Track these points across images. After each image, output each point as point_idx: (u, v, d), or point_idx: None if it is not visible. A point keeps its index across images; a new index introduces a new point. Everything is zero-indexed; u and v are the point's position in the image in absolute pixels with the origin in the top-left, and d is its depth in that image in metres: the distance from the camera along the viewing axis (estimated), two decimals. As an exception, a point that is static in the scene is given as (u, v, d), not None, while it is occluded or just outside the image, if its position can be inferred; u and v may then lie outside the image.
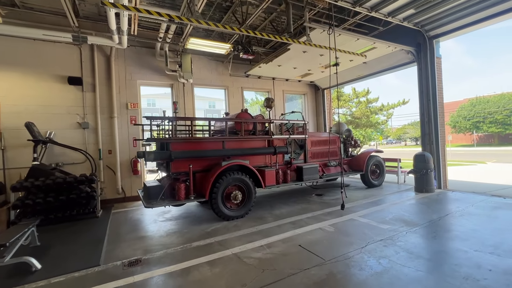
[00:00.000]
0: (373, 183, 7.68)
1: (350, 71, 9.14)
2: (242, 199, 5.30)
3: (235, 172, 5.22)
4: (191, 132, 5.08)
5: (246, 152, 5.48)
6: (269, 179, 5.63)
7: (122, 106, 7.53)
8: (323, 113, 11.14)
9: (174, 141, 4.92)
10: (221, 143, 5.46)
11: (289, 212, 5.52)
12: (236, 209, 5.25)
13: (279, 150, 5.90)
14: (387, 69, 8.47)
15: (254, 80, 9.74)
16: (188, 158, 4.88)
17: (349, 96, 18.19)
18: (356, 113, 17.69)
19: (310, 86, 11.28)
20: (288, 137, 6.23)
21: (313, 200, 6.52)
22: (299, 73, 9.37)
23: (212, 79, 8.98)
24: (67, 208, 5.69)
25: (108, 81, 7.31)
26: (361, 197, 6.66)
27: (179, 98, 8.38)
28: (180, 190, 4.70)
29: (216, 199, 4.97)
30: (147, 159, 4.45)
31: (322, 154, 7.33)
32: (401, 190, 7.26)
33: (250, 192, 5.35)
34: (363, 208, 5.62)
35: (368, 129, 21.08)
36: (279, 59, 7.51)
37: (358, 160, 7.68)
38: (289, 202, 6.45)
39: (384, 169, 7.96)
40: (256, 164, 5.87)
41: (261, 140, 5.93)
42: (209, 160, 5.24)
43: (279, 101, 10.42)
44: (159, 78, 8.06)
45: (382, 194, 6.87)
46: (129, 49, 7.65)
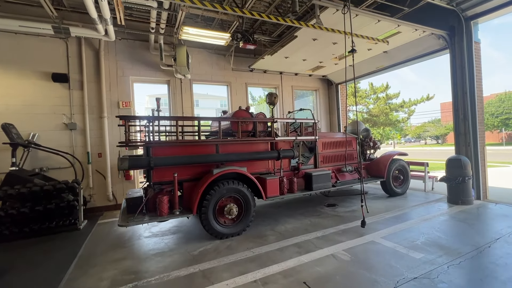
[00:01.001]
0: (395, 191, 6.61)
1: (368, 62, 8.06)
2: (238, 213, 4.47)
3: (230, 181, 4.38)
4: (177, 134, 4.29)
5: (243, 157, 4.63)
6: (271, 189, 4.75)
7: (113, 105, 6.89)
8: (336, 111, 10.08)
9: (156, 145, 4.15)
10: (214, 147, 4.64)
11: (295, 229, 4.62)
12: (232, 225, 4.42)
13: (284, 154, 5.01)
14: (412, 59, 7.33)
15: (259, 75, 8.86)
16: (173, 165, 4.10)
17: (365, 92, 16.85)
18: (374, 110, 16.34)
19: (322, 81, 10.25)
20: (294, 138, 5.32)
21: (325, 213, 5.58)
22: (309, 66, 8.40)
23: (213, 74, 8.19)
24: (45, 220, 5.09)
25: (98, 77, 6.68)
26: (383, 209, 5.64)
27: (176, 95, 7.65)
28: (162, 204, 3.93)
29: (207, 214, 4.16)
30: (120, 167, 3.70)
31: (336, 157, 6.36)
32: (430, 201, 6.15)
33: (249, 205, 4.51)
34: (386, 225, 4.62)
35: (387, 128, 19.66)
36: (286, 49, 6.60)
37: (377, 165, 6.63)
38: (296, 214, 5.55)
39: (408, 174, 6.86)
40: (257, 171, 5.01)
41: (262, 142, 5.06)
42: (200, 167, 4.44)
43: (287, 98, 9.48)
44: (154, 74, 7.36)
45: (407, 206, 5.82)
46: (121, 42, 7.00)
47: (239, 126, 4.70)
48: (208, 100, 38.95)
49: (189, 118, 4.39)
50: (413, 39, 6.51)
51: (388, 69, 8.21)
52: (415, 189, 7.42)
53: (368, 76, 9.06)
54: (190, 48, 7.73)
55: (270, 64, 7.93)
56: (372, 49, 6.99)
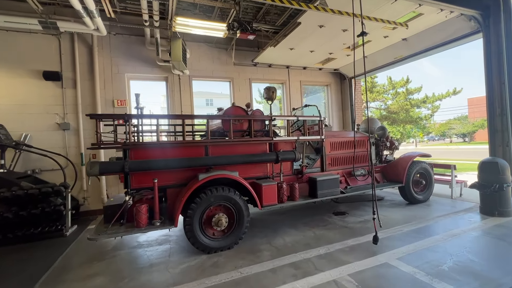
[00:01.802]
0: (416, 198, 5.78)
1: (384, 52, 7.21)
2: (229, 224, 3.92)
3: (220, 187, 3.84)
4: (158, 134, 3.80)
5: (234, 160, 4.08)
6: (267, 196, 4.16)
7: (108, 103, 6.57)
8: (350, 108, 9.26)
9: (135, 147, 3.69)
10: (203, 149, 4.12)
11: (295, 243, 4.01)
12: (222, 237, 3.89)
13: (283, 157, 4.40)
14: (435, 47, 6.41)
15: (264, 69, 8.25)
16: (152, 169, 3.62)
17: (383, 87, 15.63)
18: (392, 106, 15.08)
19: (334, 75, 9.45)
20: (296, 138, 4.68)
21: (332, 223, 4.90)
22: (318, 58, 7.68)
23: (214, 70, 7.69)
24: (31, 225, 4.83)
25: (91, 75, 6.38)
26: (401, 220, 4.87)
27: (175, 93, 7.23)
28: (139, 214, 3.46)
29: (191, 226, 3.65)
30: (89, 172, 3.27)
31: (346, 159, 5.64)
32: (459, 211, 5.28)
33: (241, 214, 3.95)
34: (404, 241, 3.89)
35: (407, 126, 18.30)
36: (290, 39, 5.95)
37: (395, 168, 5.83)
38: (299, 224, 4.91)
39: (432, 179, 5.99)
40: (253, 175, 4.43)
41: (258, 143, 4.47)
42: (187, 171, 3.93)
43: (295, 94, 8.80)
44: (151, 70, 6.98)
45: (431, 216, 5.00)
46: (116, 38, 6.66)
47: (231, 125, 4.14)
48: (221, 99, 38.76)
49: (170, 116, 3.91)
50: (438, 23, 5.63)
51: (408, 60, 7.31)
52: (440, 195, 6.52)
53: (385, 68, 8.17)
54: (189, 42, 7.29)
55: (275, 57, 7.30)
56: (389, 37, 6.17)
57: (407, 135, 20.59)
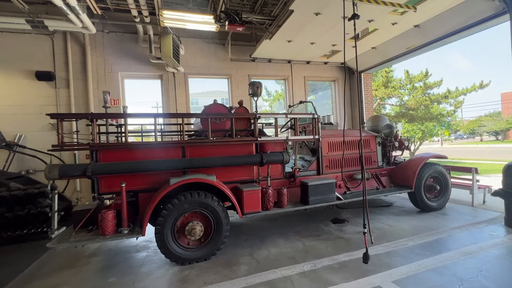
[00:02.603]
0: (429, 205, 5.10)
1: (395, 42, 6.50)
2: (206, 233, 3.58)
3: (196, 193, 3.50)
4: (126, 135, 3.53)
5: (211, 162, 3.71)
6: (250, 203, 3.75)
7: (101, 103, 6.45)
8: (359, 104, 8.57)
9: (101, 149, 3.44)
10: (180, 150, 3.80)
11: (278, 256, 3.57)
12: (198, 247, 3.54)
13: (269, 159, 3.97)
14: (453, 33, 5.62)
15: (264, 65, 7.81)
16: (120, 172, 3.35)
17: (400, 82, 14.46)
18: (409, 102, 13.90)
19: (341, 70, 8.80)
20: (285, 139, 4.22)
21: (328, 232, 4.40)
22: (321, 51, 7.11)
23: (211, 66, 7.37)
24: (17, 227, 4.79)
25: (84, 74, 6.31)
26: (408, 231, 4.26)
27: (169, 91, 7.00)
28: (105, 221, 3.20)
29: (162, 234, 3.34)
30: (47, 176, 3.06)
31: (347, 161, 5.08)
32: (479, 222, 4.56)
33: (220, 222, 3.58)
34: (407, 258, 3.32)
35: (429, 123, 16.95)
36: (285, 30, 5.47)
37: (404, 171, 5.18)
38: (290, 233, 4.46)
39: (448, 184, 5.27)
40: (236, 179, 4.05)
41: (242, 144, 4.07)
42: (161, 175, 3.63)
43: (299, 91, 8.28)
44: (144, 68, 6.80)
45: (444, 228, 4.34)
46: (109, 36, 6.54)
47: (209, 124, 3.78)
48: None
49: (139, 116, 3.64)
50: (454, 4, 4.89)
51: (423, 50, 6.53)
52: (458, 202, 5.75)
53: (397, 60, 7.41)
54: (184, 38, 7.03)
55: (273, 51, 6.84)
56: (398, 23, 5.50)
57: (429, 133, 19.14)
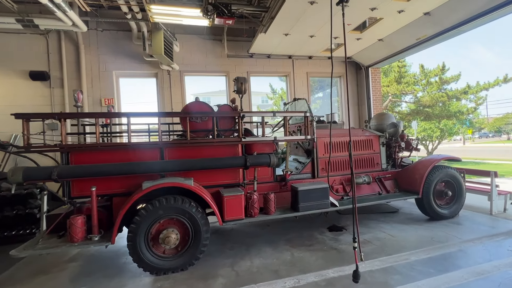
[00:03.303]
0: (439, 213, 4.57)
1: (404, 32, 5.94)
2: (183, 241, 3.31)
3: (172, 198, 3.24)
4: (97, 136, 3.33)
5: (191, 165, 3.44)
6: (231, 209, 3.45)
7: (96, 102, 6.40)
8: (367, 101, 8.03)
9: (72, 150, 3.26)
10: (158, 152, 3.56)
11: (261, 269, 3.25)
12: (174, 256, 3.29)
13: (254, 161, 3.64)
14: (470, 19, 5.01)
15: (263, 61, 7.46)
16: (90, 176, 3.15)
17: (414, 77, 13.51)
18: (424, 99, 12.95)
19: (347, 65, 8.27)
20: (273, 139, 3.88)
21: (321, 241, 4.01)
22: (323, 45, 6.67)
23: (208, 63, 7.12)
24: (7, 228, 4.77)
25: (78, 73, 6.24)
26: (412, 243, 3.79)
27: (165, 90, 6.82)
28: (73, 227, 3.02)
29: (134, 242, 3.11)
30: (11, 180, 2.90)
31: (346, 164, 4.66)
32: (497, 234, 4.00)
33: (198, 230, 3.30)
34: (405, 276, 2.90)
35: (447, 121, 15.87)
36: (279, 21, 5.11)
37: (411, 174, 4.68)
38: (279, 241, 4.11)
39: (462, 189, 4.71)
40: (220, 182, 3.76)
41: (227, 145, 3.77)
42: (136, 178, 3.40)
43: (301, 88, 7.86)
44: (139, 66, 6.66)
45: (454, 240, 3.83)
46: (103, 34, 6.44)
47: (188, 124, 3.50)
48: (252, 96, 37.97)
49: (112, 115, 3.42)
50: (470, -14, 4.33)
51: (435, 40, 5.93)
52: (475, 209, 5.17)
53: (407, 53, 6.82)
54: (180, 35, 6.82)
55: (271, 46, 6.48)
56: (405, 11, 4.98)
57: (448, 132, 17.99)
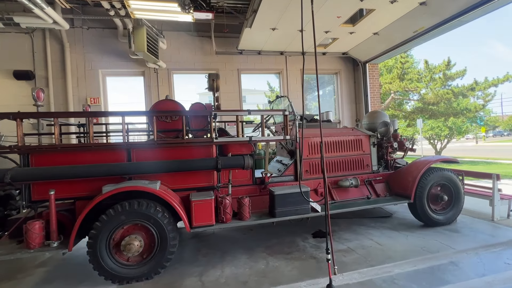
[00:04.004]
0: (433, 219, 4.22)
1: (400, 25, 5.57)
2: (149, 248, 3.11)
3: (136, 202, 3.05)
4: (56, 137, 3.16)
5: (156, 167, 3.23)
6: (200, 215, 3.23)
7: (81, 101, 6.29)
8: (364, 99, 7.66)
9: (32, 152, 3.11)
10: (125, 153, 3.37)
11: (229, 280, 3.02)
12: (138, 264, 3.09)
13: (226, 163, 3.41)
14: (472, 8, 4.61)
15: (254, 57, 7.20)
16: (49, 179, 2.98)
17: (418, 74, 12.91)
18: (428, 96, 12.34)
19: (343, 60, 7.92)
20: (248, 139, 3.63)
21: (302, 249, 3.74)
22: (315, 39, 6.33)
23: (196, 61, 6.92)
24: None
25: (63, 73, 6.15)
26: (399, 252, 3.48)
27: (152, 88, 6.66)
28: (30, 233, 2.86)
29: (95, 249, 2.93)
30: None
31: (333, 165, 4.37)
32: (495, 244, 3.63)
33: (164, 236, 3.10)
34: (384, 293, 2.61)
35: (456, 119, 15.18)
36: (263, 15, 4.85)
37: (403, 177, 4.35)
38: (258, 248, 3.87)
39: (460, 193, 4.34)
40: (191, 185, 3.54)
41: (200, 146, 3.55)
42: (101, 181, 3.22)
43: (294, 85, 7.56)
44: (125, 65, 6.52)
45: (447, 250, 3.50)
46: (88, 32, 6.33)
47: (155, 123, 3.30)
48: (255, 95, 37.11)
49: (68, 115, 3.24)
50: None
51: (434, 32, 5.53)
52: (476, 214, 4.78)
53: (406, 47, 6.43)
54: (168, 32, 6.65)
55: (260, 41, 6.22)
56: (398, 1, 4.63)
57: (457, 130, 17.28)
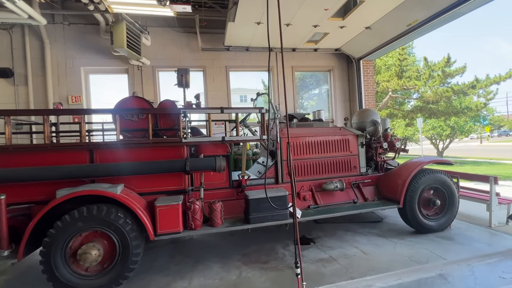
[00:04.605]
0: (425, 225, 3.93)
1: (391, 18, 5.26)
2: (112, 257, 2.88)
3: (96, 207, 2.82)
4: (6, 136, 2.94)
5: (118, 169, 3.00)
6: (165, 221, 2.98)
7: (62, 100, 6.09)
8: (358, 97, 7.36)
9: (-18, 153, 2.89)
10: (88, 154, 3.14)
11: (195, 293, 2.77)
12: (97, 275, 2.86)
13: (196, 165, 3.16)
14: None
15: (243, 54, 6.94)
16: (1, 182, 2.77)
17: (418, 71, 12.50)
18: (427, 94, 11.91)
19: (337, 57, 7.62)
20: (220, 140, 3.38)
21: (280, 257, 3.48)
22: (304, 34, 6.08)
23: (182, 58, 6.68)
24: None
25: (43, 70, 5.95)
26: (384, 262, 3.20)
27: (136, 86, 6.44)
28: (-23, 241, 2.64)
29: (48, 259, 2.71)
30: None
31: (319, 167, 4.10)
32: (490, 254, 3.33)
33: (126, 244, 2.86)
34: (360, 311, 2.33)
35: (458, 118, 14.77)
36: (244, 8, 4.60)
37: (393, 180, 4.06)
38: (234, 256, 3.61)
39: (454, 197, 4.04)
40: (161, 189, 3.31)
41: (169, 147, 3.30)
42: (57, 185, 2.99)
43: (286, 83, 7.25)
44: (108, 62, 6.30)
45: (437, 261, 3.21)
46: (69, 28, 6.12)
47: (118, 122, 3.06)
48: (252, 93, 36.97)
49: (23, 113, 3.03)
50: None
51: (429, 25, 5.20)
52: (473, 220, 4.48)
53: (400, 42, 6.10)
54: (153, 28, 6.43)
55: (246, 37, 5.97)
56: (388, -9, 4.33)
57: (459, 130, 16.85)
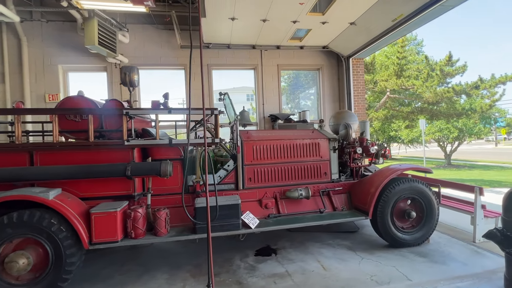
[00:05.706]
0: (398, 239, 3.58)
1: (375, 13, 4.89)
2: (45, 265, 2.72)
3: (27, 213, 2.66)
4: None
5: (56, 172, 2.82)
6: (102, 229, 2.78)
7: (40, 98, 6.03)
8: (347, 97, 6.99)
9: None
10: (27, 156, 2.98)
11: (125, 309, 2.56)
12: (29, 283, 2.70)
13: (137, 170, 2.94)
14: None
15: (225, 52, 6.69)
16: None
17: (418, 70, 11.84)
18: (426, 94, 11.24)
19: (325, 55, 7.26)
20: (167, 142, 3.15)
21: (232, 270, 3.23)
22: (285, 31, 5.77)
23: (162, 56, 6.51)
24: None
25: (20, 68, 5.90)
26: (343, 281, 2.90)
27: (114, 84, 6.31)
28: None
29: (-26, 267, 2.56)
30: None
31: (285, 173, 3.82)
32: (465, 276, 2.96)
33: (59, 253, 2.69)
34: None
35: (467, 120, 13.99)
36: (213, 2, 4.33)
37: (365, 188, 3.73)
38: (184, 267, 3.38)
39: (432, 209, 3.67)
40: (105, 194, 3.12)
41: (115, 149, 3.11)
42: None
43: (271, 83, 6.99)
44: (86, 60, 6.19)
45: (402, 282, 2.87)
46: (47, 25, 6.05)
47: (56, 122, 2.89)
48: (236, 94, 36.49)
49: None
50: None
51: (416, 20, 4.79)
52: (457, 232, 4.09)
53: (388, 38, 5.68)
54: (132, 25, 6.28)
55: (224, 34, 5.73)
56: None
57: (469, 132, 16.05)
